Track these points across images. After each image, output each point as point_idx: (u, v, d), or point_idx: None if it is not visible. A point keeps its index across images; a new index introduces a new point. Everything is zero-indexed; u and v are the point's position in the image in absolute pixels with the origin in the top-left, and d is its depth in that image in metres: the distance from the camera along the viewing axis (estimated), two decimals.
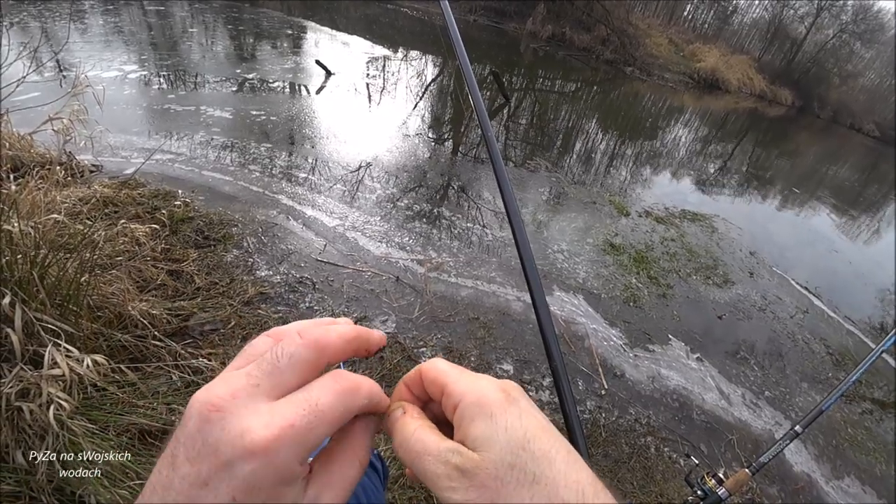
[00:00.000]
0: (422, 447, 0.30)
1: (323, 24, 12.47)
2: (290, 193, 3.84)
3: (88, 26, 7.61)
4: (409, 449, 0.30)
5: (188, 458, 0.25)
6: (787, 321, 4.00)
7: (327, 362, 0.30)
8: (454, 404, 0.31)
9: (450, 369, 0.34)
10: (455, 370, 0.34)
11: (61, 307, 1.73)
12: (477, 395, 0.31)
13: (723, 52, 24.64)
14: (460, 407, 0.31)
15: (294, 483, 0.27)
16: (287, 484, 0.26)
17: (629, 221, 4.97)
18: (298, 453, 0.26)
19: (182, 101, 5.24)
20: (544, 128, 8.01)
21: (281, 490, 0.26)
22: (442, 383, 0.33)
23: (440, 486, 0.28)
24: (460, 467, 0.28)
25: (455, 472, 0.28)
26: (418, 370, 0.35)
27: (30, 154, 3.08)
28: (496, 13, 20.41)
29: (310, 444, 0.26)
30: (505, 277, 3.39)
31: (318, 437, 0.27)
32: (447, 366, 0.34)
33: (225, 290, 2.61)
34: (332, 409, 0.28)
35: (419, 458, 0.29)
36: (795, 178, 10.23)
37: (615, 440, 2.39)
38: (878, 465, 2.81)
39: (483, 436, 0.29)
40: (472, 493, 0.27)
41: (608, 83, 15.53)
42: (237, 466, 0.24)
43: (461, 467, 0.28)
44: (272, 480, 0.25)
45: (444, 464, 0.28)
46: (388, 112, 6.66)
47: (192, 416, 0.26)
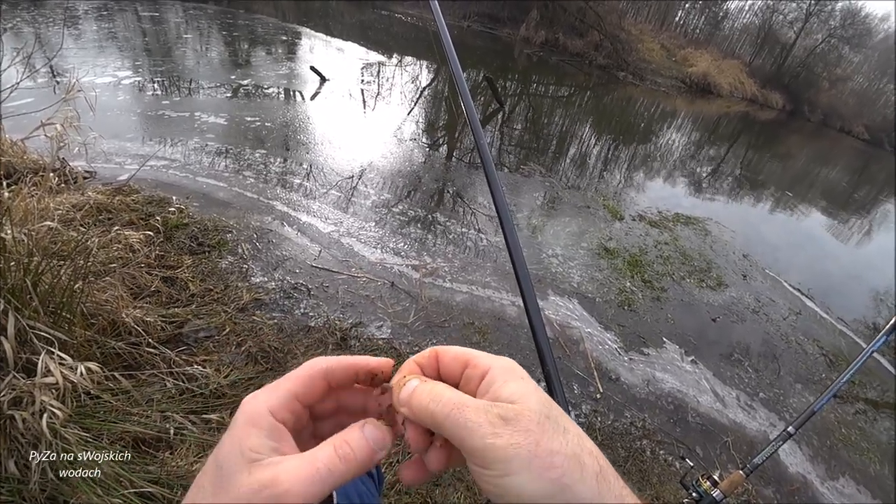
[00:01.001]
0: (459, 399, 0.32)
1: (318, 29, 12.51)
2: (285, 199, 3.84)
3: (82, 32, 7.60)
4: (446, 402, 0.31)
5: None
6: (781, 323, 4.03)
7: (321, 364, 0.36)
8: (482, 373, 0.34)
9: (469, 348, 0.37)
10: (474, 349, 0.37)
11: (55, 314, 1.72)
12: (506, 363, 0.35)
13: (714, 57, 24.89)
14: (491, 373, 0.34)
15: (259, 429, 0.31)
16: (254, 425, 0.31)
17: (623, 225, 5.00)
18: (267, 399, 0.32)
19: (176, 107, 5.24)
20: (538, 133, 8.05)
21: (247, 429, 0.30)
22: (465, 358, 0.36)
23: (482, 434, 0.29)
24: (503, 416, 0.30)
25: (498, 420, 0.30)
26: (433, 351, 0.37)
27: (23, 160, 3.06)
28: (490, 19, 20.54)
29: (277, 393, 0.33)
30: (500, 282, 3.40)
31: (285, 388, 0.33)
32: (465, 348, 0.37)
33: (220, 296, 2.60)
34: (296, 371, 0.34)
35: (459, 409, 0.31)
36: (787, 181, 10.32)
37: (611, 444, 2.39)
38: (871, 464, 2.83)
39: (519, 391, 0.32)
40: (517, 437, 0.29)
41: (601, 88, 15.64)
42: (233, 418, 0.32)
43: (503, 416, 0.30)
44: (243, 419, 0.31)
45: (486, 412, 0.30)
46: (383, 118, 6.67)
47: None
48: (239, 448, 0.29)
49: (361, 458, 0.31)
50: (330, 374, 0.35)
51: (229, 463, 0.29)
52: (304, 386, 0.34)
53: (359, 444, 0.32)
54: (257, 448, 0.30)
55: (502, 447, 0.29)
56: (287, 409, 0.33)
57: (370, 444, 0.32)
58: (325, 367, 0.35)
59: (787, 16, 28.87)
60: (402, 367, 0.37)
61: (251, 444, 0.30)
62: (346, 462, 0.30)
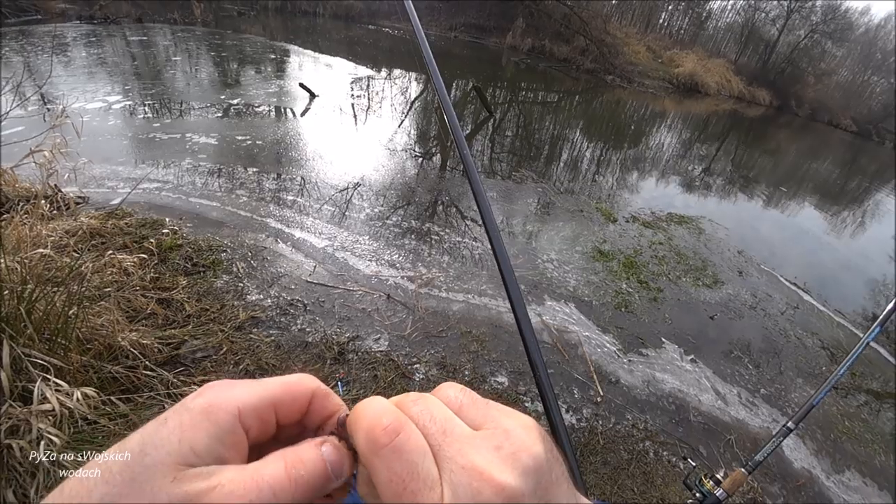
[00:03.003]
0: None
1: (306, 47, 12.61)
2: (279, 216, 3.84)
3: (71, 58, 7.64)
4: None
5: None
6: (779, 318, 4.04)
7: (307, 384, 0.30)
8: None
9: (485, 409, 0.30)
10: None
11: (50, 341, 1.72)
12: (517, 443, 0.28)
13: (700, 57, 25.18)
14: None
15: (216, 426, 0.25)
16: (209, 418, 0.26)
17: (617, 227, 5.02)
18: (239, 394, 0.27)
19: (167, 129, 5.26)
20: (529, 139, 8.11)
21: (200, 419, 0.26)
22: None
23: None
24: None
25: None
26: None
27: (14, 189, 3.06)
28: (476, 29, 20.77)
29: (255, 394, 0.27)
30: (496, 290, 3.40)
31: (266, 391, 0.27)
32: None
33: (216, 315, 2.59)
34: (284, 378, 0.29)
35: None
36: (779, 177, 10.39)
37: (613, 447, 2.39)
38: (877, 456, 2.82)
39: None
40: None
41: (590, 92, 15.78)
42: (190, 396, 0.27)
43: None
44: (201, 404, 0.26)
45: None
46: (374, 131, 6.71)
47: None
48: (177, 441, 0.24)
49: (314, 483, 0.26)
50: (314, 400, 0.30)
51: (156, 455, 0.24)
52: (290, 397, 0.28)
53: (314, 466, 0.26)
54: (199, 450, 0.24)
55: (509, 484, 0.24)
56: (259, 416, 0.27)
57: (327, 470, 0.26)
58: (315, 389, 0.29)
59: (769, 13, 29.31)
60: None
61: (194, 441, 0.24)
62: (296, 485, 0.25)
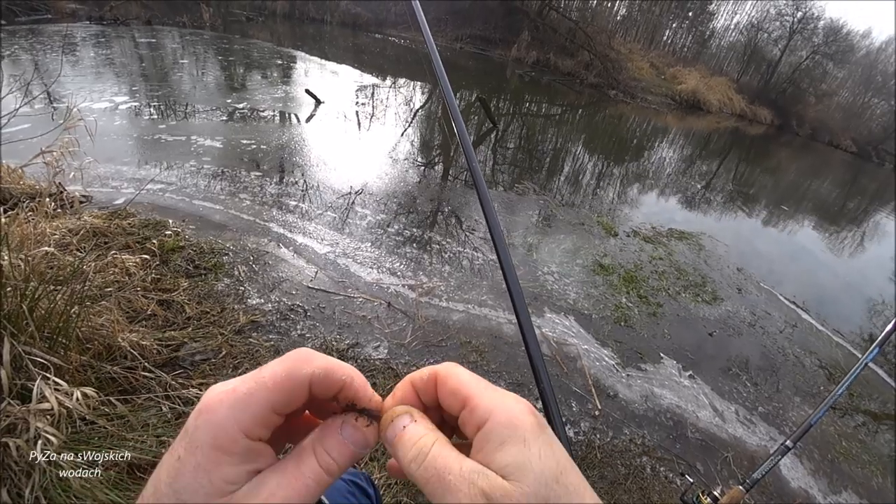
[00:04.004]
0: (442, 464, 0.27)
1: (312, 53, 12.71)
2: (281, 221, 3.85)
3: (80, 58, 7.70)
4: (427, 466, 0.27)
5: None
6: (777, 336, 4.04)
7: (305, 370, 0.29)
8: (479, 422, 0.28)
9: (473, 381, 0.31)
10: (479, 382, 0.31)
11: (50, 340, 1.72)
12: (507, 415, 0.28)
13: (702, 74, 25.43)
14: (487, 427, 0.28)
15: (231, 455, 0.26)
16: (223, 451, 0.26)
17: (617, 241, 5.03)
18: (236, 416, 0.26)
19: (173, 131, 5.29)
20: (532, 151, 8.15)
21: (216, 456, 0.26)
22: (465, 395, 0.30)
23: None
24: (487, 493, 0.25)
25: (481, 498, 0.25)
26: (433, 373, 0.32)
27: (19, 186, 3.08)
28: (482, 41, 20.95)
29: (251, 409, 0.26)
30: (496, 300, 3.40)
31: (259, 402, 0.27)
32: (470, 376, 0.31)
33: (216, 319, 2.59)
34: (273, 374, 0.27)
35: (438, 477, 0.26)
36: (779, 195, 10.45)
37: (611, 461, 2.38)
38: (874, 477, 2.81)
39: (515, 463, 0.26)
40: None
41: (593, 106, 15.89)
42: (190, 426, 0.27)
43: (488, 493, 0.25)
44: (208, 441, 0.26)
45: (470, 486, 0.25)
46: (378, 139, 6.75)
47: None
48: (209, 480, 0.25)
49: (345, 464, 0.29)
50: (314, 385, 0.29)
51: (198, 499, 0.25)
52: (284, 395, 0.28)
53: (339, 452, 0.29)
54: (232, 479, 0.26)
55: None
56: (264, 425, 0.27)
57: (351, 449, 0.29)
58: (310, 375, 0.29)
59: (772, 34, 29.66)
60: (397, 389, 0.33)
61: (224, 475, 0.26)
62: (331, 473, 0.28)
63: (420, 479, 0.27)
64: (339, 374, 0.30)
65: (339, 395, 0.30)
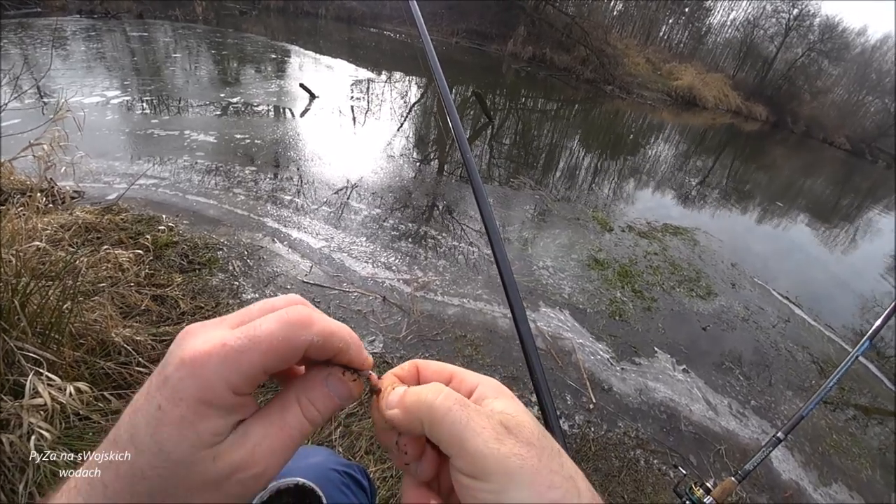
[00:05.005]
0: (461, 396, 0.29)
1: (307, 48, 12.63)
2: (276, 216, 3.84)
3: (70, 52, 7.62)
4: (447, 395, 0.29)
5: (154, 373, 0.27)
6: (770, 330, 4.07)
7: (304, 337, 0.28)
8: (469, 388, 0.32)
9: (451, 364, 0.35)
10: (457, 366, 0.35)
11: (43, 335, 1.71)
12: (494, 381, 0.32)
13: (698, 71, 25.46)
14: (481, 388, 0.31)
15: (218, 409, 0.26)
16: (209, 405, 0.25)
17: (612, 236, 5.05)
18: (226, 373, 0.25)
19: (165, 126, 5.25)
20: (528, 146, 8.15)
21: (202, 410, 0.25)
22: (450, 371, 0.34)
23: (485, 438, 0.27)
24: (505, 423, 0.28)
25: (501, 427, 0.27)
26: (413, 364, 0.35)
27: (10, 181, 3.05)
28: (478, 35, 20.89)
29: (241, 368, 0.26)
30: (491, 295, 3.41)
31: (251, 363, 0.26)
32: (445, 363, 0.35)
33: (210, 314, 2.58)
34: (270, 335, 0.27)
35: (462, 406, 0.28)
36: (774, 191, 10.50)
37: (605, 454, 2.39)
38: (863, 470, 2.85)
39: (512, 407, 0.30)
40: (520, 449, 0.27)
41: (589, 101, 15.89)
42: (171, 376, 0.25)
43: (506, 424, 0.28)
44: (194, 394, 0.25)
45: (489, 417, 0.28)
46: (373, 133, 6.73)
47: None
48: (194, 432, 0.25)
49: (328, 415, 0.30)
50: (311, 350, 0.29)
51: (182, 451, 0.25)
52: (277, 359, 0.27)
53: (324, 402, 0.30)
54: (219, 430, 0.26)
55: (505, 457, 0.26)
56: (253, 384, 0.27)
57: (336, 402, 0.31)
58: (308, 342, 0.28)
59: (768, 31, 29.74)
60: (383, 379, 0.34)
61: (210, 427, 0.26)
62: (315, 424, 0.29)
63: (440, 409, 0.28)
64: (336, 342, 0.30)
65: (334, 358, 0.31)
